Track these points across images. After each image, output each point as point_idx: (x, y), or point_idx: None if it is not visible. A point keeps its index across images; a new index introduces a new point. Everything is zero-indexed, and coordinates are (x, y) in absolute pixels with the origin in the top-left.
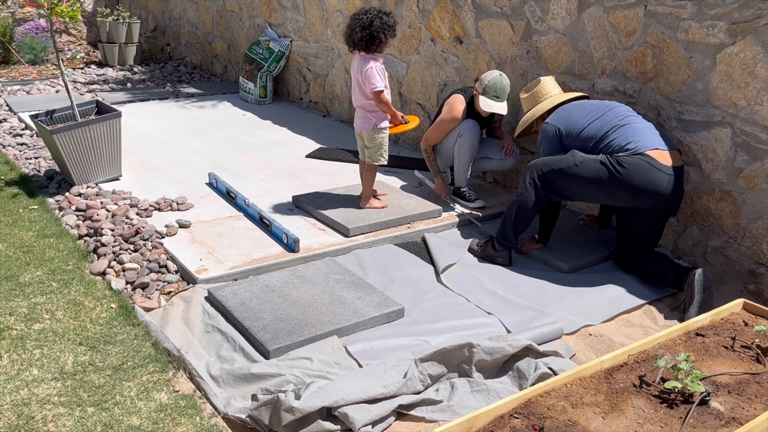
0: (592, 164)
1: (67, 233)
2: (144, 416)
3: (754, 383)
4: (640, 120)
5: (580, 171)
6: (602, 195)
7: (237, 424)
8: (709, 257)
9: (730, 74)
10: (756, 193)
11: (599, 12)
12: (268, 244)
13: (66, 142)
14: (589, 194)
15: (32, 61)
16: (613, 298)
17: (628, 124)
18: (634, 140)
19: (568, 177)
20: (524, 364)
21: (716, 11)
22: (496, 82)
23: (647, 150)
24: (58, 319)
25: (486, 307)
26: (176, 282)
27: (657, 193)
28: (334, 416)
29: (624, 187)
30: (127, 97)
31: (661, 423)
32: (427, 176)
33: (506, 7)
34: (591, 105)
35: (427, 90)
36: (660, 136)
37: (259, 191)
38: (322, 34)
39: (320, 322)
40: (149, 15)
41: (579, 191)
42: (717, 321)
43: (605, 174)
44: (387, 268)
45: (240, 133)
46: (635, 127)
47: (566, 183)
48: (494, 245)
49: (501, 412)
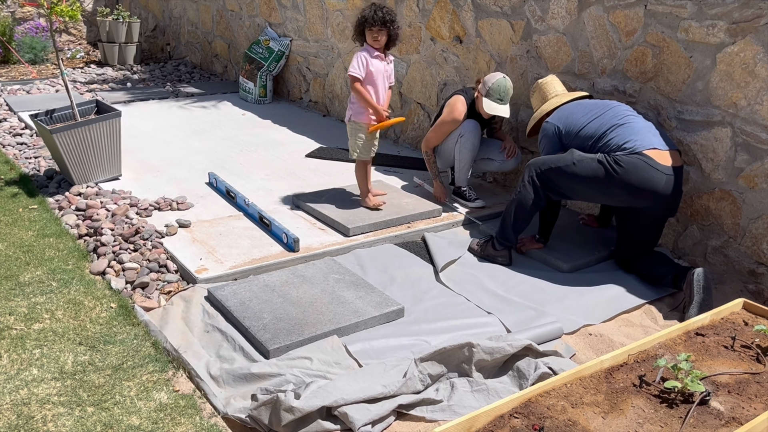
0: (590, 163)
1: (66, 233)
2: (144, 416)
3: (754, 383)
4: (639, 119)
5: (578, 170)
6: (600, 194)
7: (237, 423)
8: (709, 257)
9: (731, 74)
10: (756, 192)
11: (599, 11)
12: (268, 243)
13: (66, 142)
14: (587, 193)
15: (32, 61)
16: (613, 297)
17: (627, 123)
18: (632, 139)
19: (566, 175)
20: (524, 364)
21: (716, 11)
22: (500, 84)
23: (645, 149)
24: (57, 318)
25: (486, 306)
26: (176, 282)
27: (655, 192)
28: (333, 416)
29: (621, 185)
30: (127, 96)
31: (661, 423)
32: (426, 180)
33: (506, 7)
34: (591, 104)
35: (427, 89)
36: (660, 136)
37: (259, 191)
38: (322, 33)
39: (320, 322)
40: (149, 14)
41: (577, 190)
42: (717, 321)
43: (602, 173)
44: (387, 267)
45: (240, 132)
46: (634, 126)
47: (564, 181)
48: (494, 245)
49: (501, 411)
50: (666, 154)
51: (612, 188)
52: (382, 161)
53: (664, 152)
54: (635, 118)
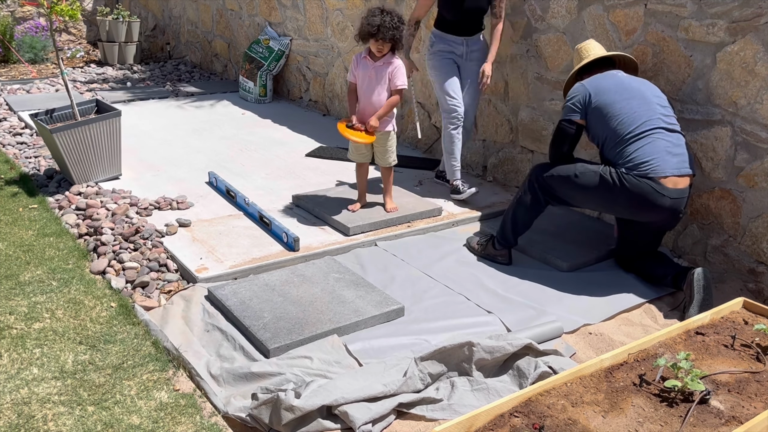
0: (593, 177)
1: (66, 232)
2: (144, 415)
3: (754, 382)
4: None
5: (580, 181)
6: (601, 206)
7: (237, 423)
8: (709, 256)
9: (731, 73)
10: (756, 191)
11: (599, 10)
12: (268, 242)
13: (66, 141)
14: (588, 204)
15: (32, 60)
16: (613, 297)
17: (652, 138)
18: (652, 161)
19: (568, 185)
20: (524, 363)
21: (716, 10)
22: None
23: (660, 177)
24: (58, 318)
25: (486, 305)
26: (176, 281)
27: (658, 211)
28: (334, 415)
29: (623, 203)
30: (127, 96)
31: (661, 422)
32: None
33: (506, 6)
34: (628, 91)
35: (427, 89)
36: (682, 156)
37: (259, 190)
38: (322, 32)
39: (320, 321)
40: (149, 14)
41: (578, 199)
42: (717, 319)
43: (605, 188)
44: (387, 266)
45: (240, 131)
46: (658, 144)
47: (566, 191)
48: (494, 244)
49: (501, 410)
50: (680, 180)
51: (614, 204)
52: None
53: (678, 178)
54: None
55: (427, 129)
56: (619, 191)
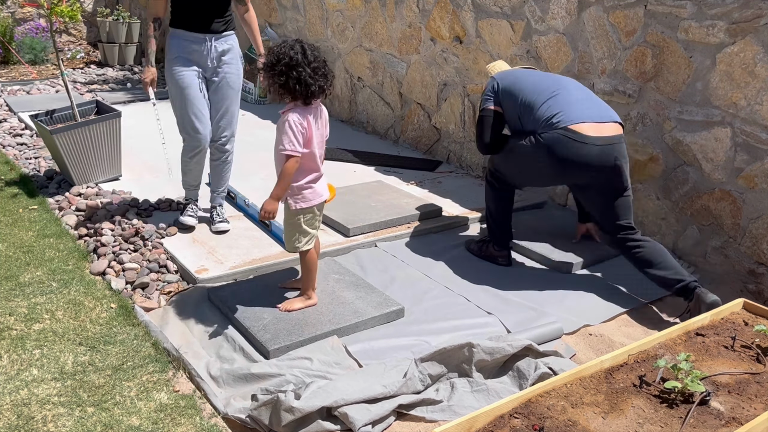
0: (520, 147)
1: (66, 233)
2: (144, 416)
3: (754, 383)
4: (576, 90)
5: (512, 159)
6: (536, 176)
7: (237, 424)
8: (709, 257)
9: (730, 74)
10: (756, 192)
11: (599, 12)
12: (268, 244)
13: (66, 142)
14: (526, 177)
15: (32, 61)
16: (613, 297)
17: (560, 94)
18: (560, 112)
19: (505, 166)
20: (524, 364)
21: (716, 11)
22: None
23: (571, 124)
24: (58, 319)
25: (486, 306)
26: (176, 282)
27: (587, 165)
28: (334, 416)
29: (549, 163)
30: (127, 97)
31: (661, 423)
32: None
33: (506, 7)
34: (538, 73)
35: (427, 90)
36: (599, 107)
37: (258, 191)
38: (322, 34)
39: (320, 322)
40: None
41: (518, 177)
42: (717, 321)
43: (529, 155)
44: (387, 267)
45: (239, 133)
46: (567, 97)
47: (507, 171)
48: (494, 245)
49: (501, 412)
50: (601, 127)
51: (542, 168)
52: (382, 161)
53: (598, 125)
54: (575, 90)
55: (428, 129)
56: (542, 154)
